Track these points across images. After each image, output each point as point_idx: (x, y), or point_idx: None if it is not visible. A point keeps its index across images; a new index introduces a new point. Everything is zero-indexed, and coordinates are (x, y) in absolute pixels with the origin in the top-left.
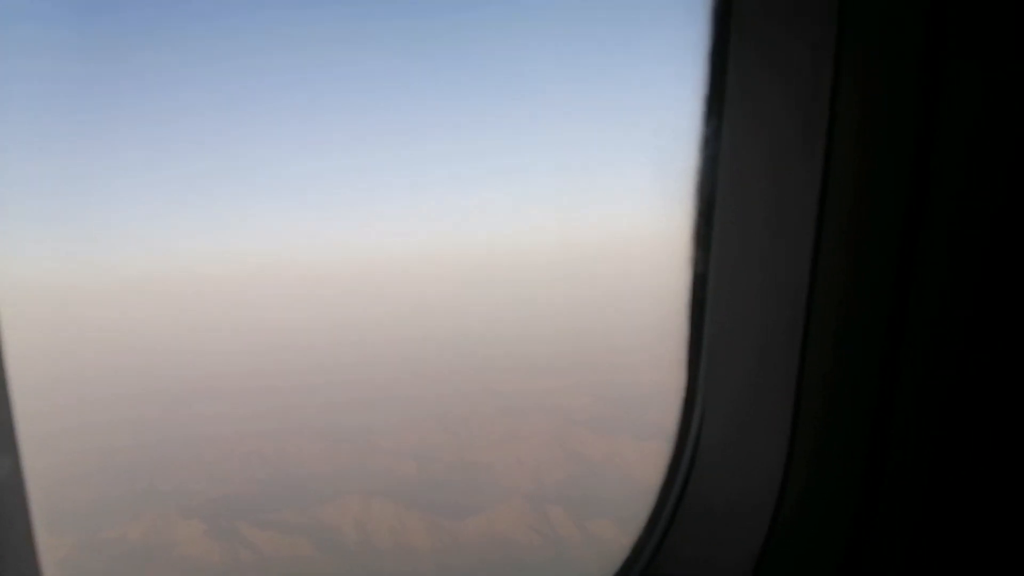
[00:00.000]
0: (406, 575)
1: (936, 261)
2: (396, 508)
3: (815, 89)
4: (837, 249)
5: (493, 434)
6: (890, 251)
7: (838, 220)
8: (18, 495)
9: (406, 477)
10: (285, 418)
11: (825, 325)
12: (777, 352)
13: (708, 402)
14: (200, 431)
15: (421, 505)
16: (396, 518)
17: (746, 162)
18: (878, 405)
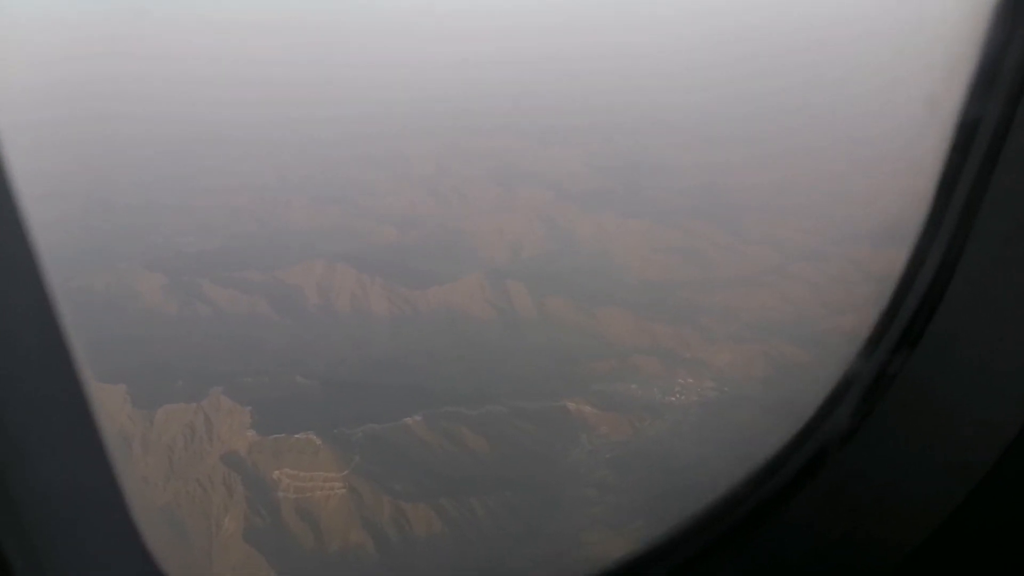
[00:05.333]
0: (360, 337)
1: None
2: (359, 274)
3: None
4: None
5: (481, 203)
6: None
7: None
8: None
9: (381, 243)
10: (279, 174)
11: None
12: None
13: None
14: (188, 182)
15: (386, 272)
16: (358, 283)
17: None
18: None
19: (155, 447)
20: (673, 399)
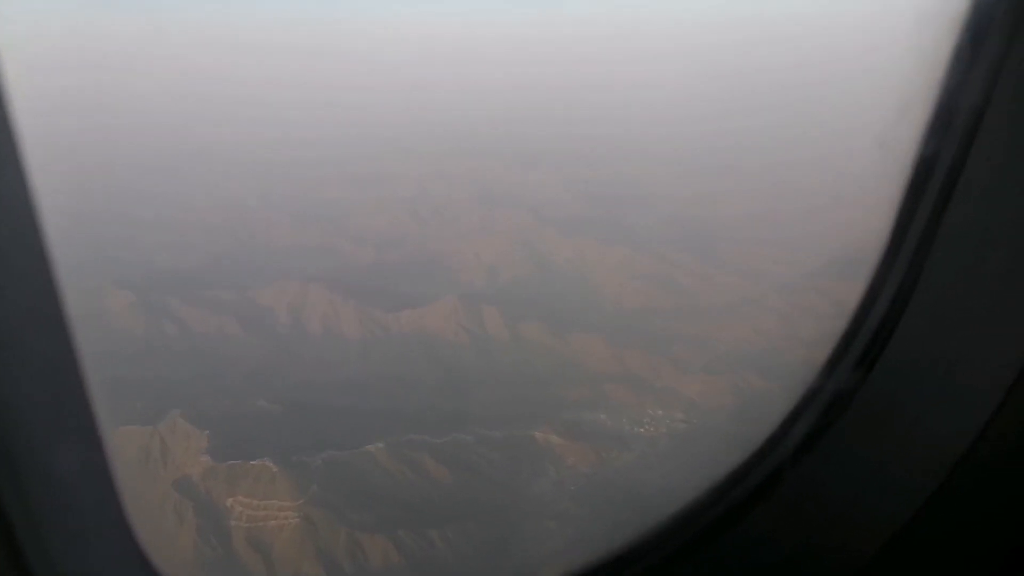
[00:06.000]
0: (330, 361)
1: None
2: (332, 295)
3: None
4: None
5: (461, 225)
6: None
7: None
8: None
9: (358, 263)
10: (261, 191)
11: None
12: None
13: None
14: (168, 196)
15: (360, 294)
16: (330, 305)
17: None
18: None
19: None
20: (642, 430)
